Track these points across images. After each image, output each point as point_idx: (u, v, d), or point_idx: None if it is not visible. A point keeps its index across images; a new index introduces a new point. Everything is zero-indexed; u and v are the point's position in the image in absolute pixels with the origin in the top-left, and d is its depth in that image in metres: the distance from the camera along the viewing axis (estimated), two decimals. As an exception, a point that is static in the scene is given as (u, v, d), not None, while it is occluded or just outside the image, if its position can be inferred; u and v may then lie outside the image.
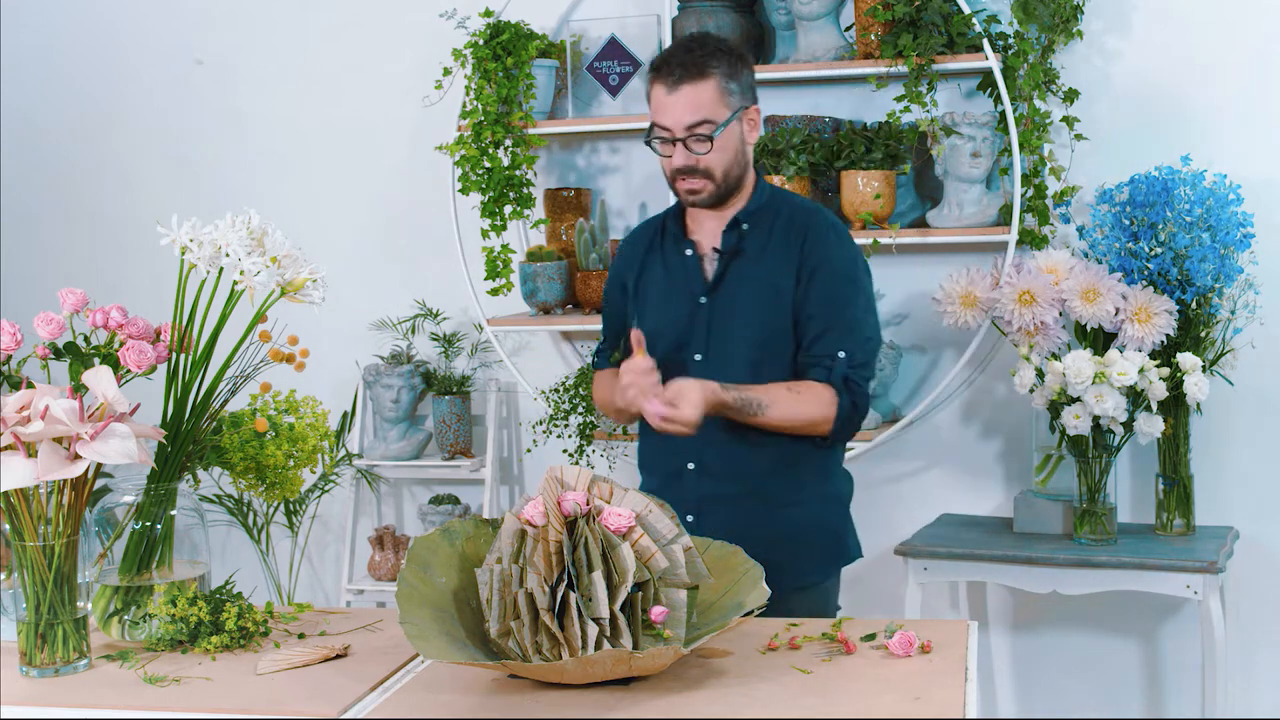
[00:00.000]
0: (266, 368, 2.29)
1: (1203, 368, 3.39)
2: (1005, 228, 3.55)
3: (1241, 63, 3.58)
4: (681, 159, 2.61)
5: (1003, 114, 3.53)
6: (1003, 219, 3.59)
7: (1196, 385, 3.33)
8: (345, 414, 4.21)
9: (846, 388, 2.61)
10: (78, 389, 2.10)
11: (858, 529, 2.83)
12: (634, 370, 2.55)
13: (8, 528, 2.11)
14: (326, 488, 4.13)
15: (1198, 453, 3.57)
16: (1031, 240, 3.59)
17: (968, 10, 3.51)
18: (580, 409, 3.84)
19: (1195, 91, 3.61)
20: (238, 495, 4.09)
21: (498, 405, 4.15)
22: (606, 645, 1.99)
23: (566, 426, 3.88)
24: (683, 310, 2.70)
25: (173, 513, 2.27)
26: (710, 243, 2.71)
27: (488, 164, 3.81)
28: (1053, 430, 3.46)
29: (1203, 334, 3.45)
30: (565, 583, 2.01)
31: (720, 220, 2.70)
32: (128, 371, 2.16)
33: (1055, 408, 3.37)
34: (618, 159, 4.06)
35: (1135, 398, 3.33)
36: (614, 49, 3.90)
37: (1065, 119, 3.61)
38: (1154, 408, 3.34)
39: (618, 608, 2.01)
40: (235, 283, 2.17)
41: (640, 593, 2.05)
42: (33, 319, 2.17)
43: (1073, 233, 3.64)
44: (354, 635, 2.31)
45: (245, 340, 2.24)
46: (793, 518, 2.68)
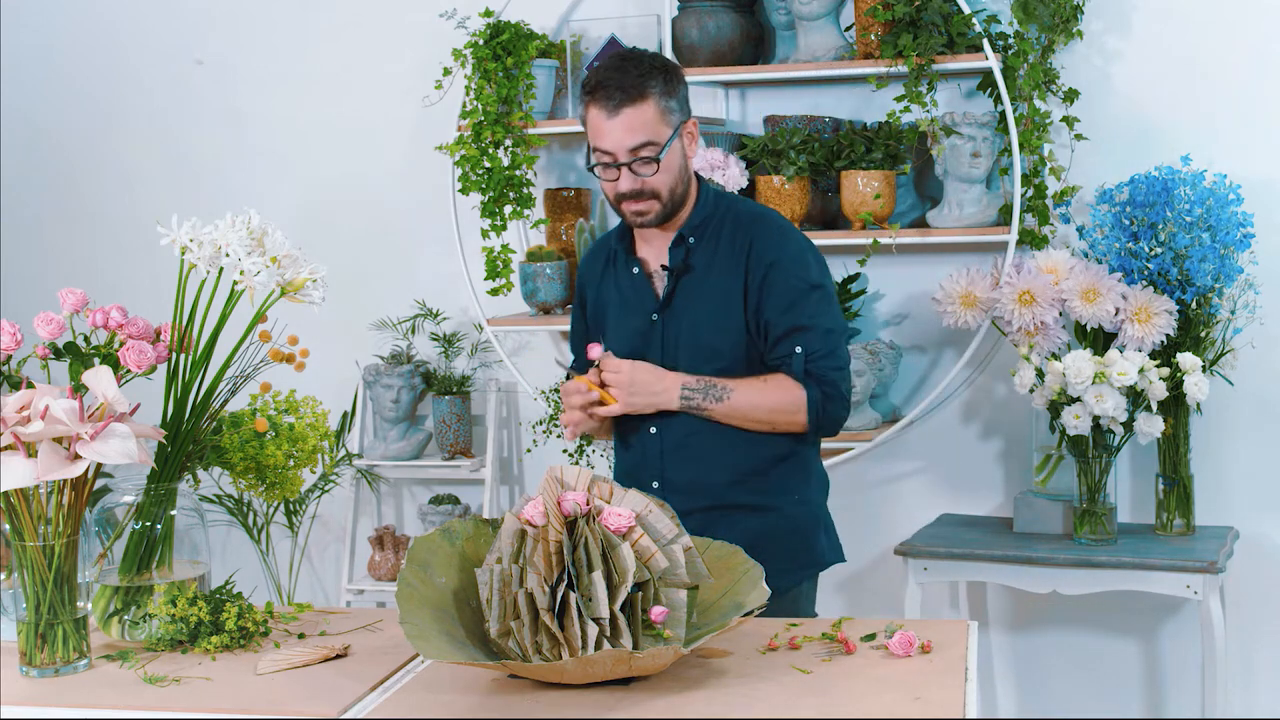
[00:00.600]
0: (266, 368, 2.29)
1: (1203, 368, 3.39)
2: (1005, 228, 3.55)
3: (1241, 63, 3.58)
4: (627, 183, 2.57)
5: (1003, 114, 3.53)
6: (1003, 219, 3.59)
7: (1196, 385, 3.33)
8: (345, 414, 4.21)
9: (810, 379, 2.59)
10: (78, 389, 2.10)
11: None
12: (568, 393, 2.62)
13: (8, 528, 2.11)
14: (326, 488, 4.13)
15: (1198, 453, 3.57)
16: (1031, 240, 3.59)
17: (968, 10, 3.51)
18: (580, 409, 3.84)
19: (1195, 91, 3.61)
20: (238, 495, 4.09)
21: (498, 405, 4.15)
22: (606, 645, 1.99)
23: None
24: (637, 328, 2.69)
25: (173, 513, 2.27)
26: (657, 259, 2.70)
27: (488, 164, 3.81)
28: (1053, 430, 3.46)
29: (1203, 334, 3.45)
30: (565, 583, 2.01)
31: (665, 237, 2.68)
32: (128, 371, 2.16)
33: (1055, 408, 3.37)
34: (618, 159, 4.06)
35: (1135, 398, 3.33)
36: (614, 49, 3.90)
37: (1065, 119, 3.61)
38: (1154, 408, 3.34)
39: (618, 608, 2.01)
40: (235, 283, 2.17)
41: (640, 593, 2.05)
42: (33, 319, 2.17)
43: (1073, 233, 3.64)
44: (354, 635, 2.31)
45: (245, 340, 2.24)
46: (757, 525, 2.64)
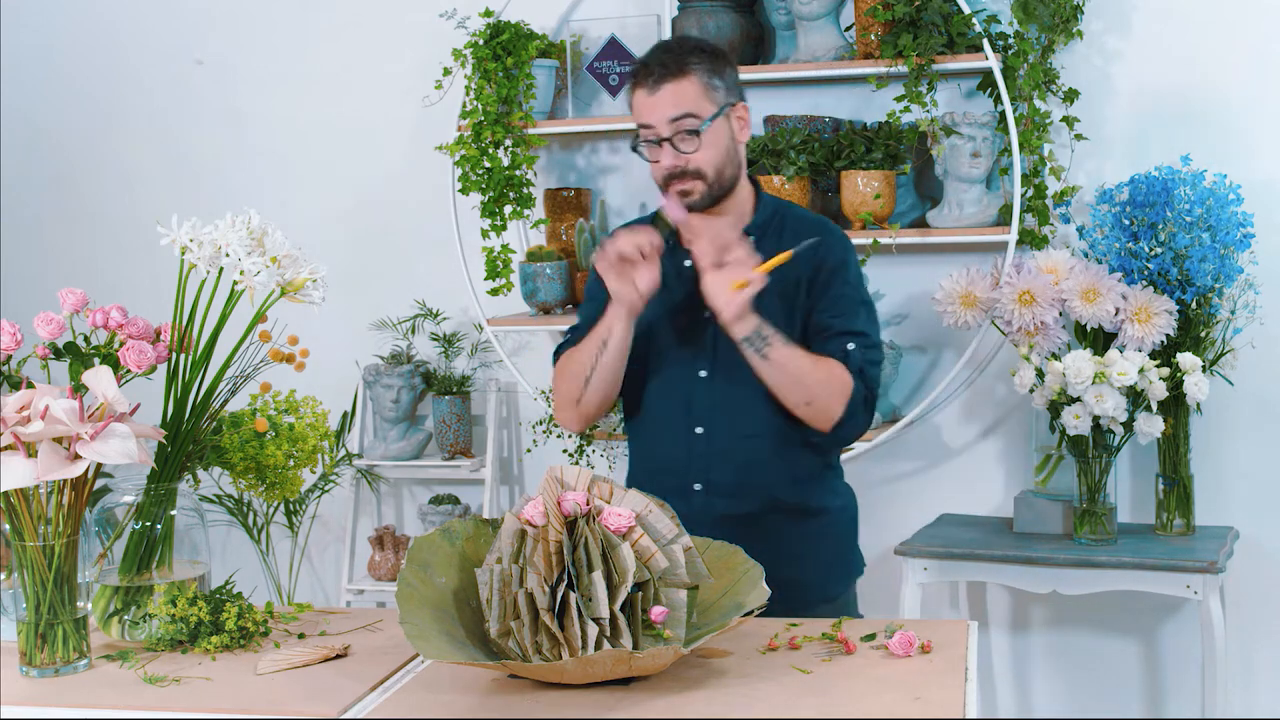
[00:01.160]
0: (266, 368, 2.29)
1: (1203, 368, 3.39)
2: (1005, 228, 3.55)
3: (1241, 63, 3.58)
4: (670, 159, 2.52)
5: (1003, 114, 3.53)
6: (1003, 219, 3.59)
7: (1196, 385, 3.33)
8: (345, 414, 4.21)
9: (861, 377, 2.52)
10: (78, 389, 2.10)
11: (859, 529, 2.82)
12: (635, 234, 2.48)
13: (8, 528, 2.11)
14: (326, 488, 4.13)
15: (1198, 453, 3.57)
16: (1031, 240, 3.59)
17: (968, 10, 3.51)
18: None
19: (1195, 91, 3.61)
20: (238, 495, 4.09)
21: (498, 405, 4.15)
22: (606, 645, 1.99)
23: (566, 426, 3.88)
24: (685, 325, 2.60)
25: (173, 513, 2.27)
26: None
27: (488, 164, 3.81)
28: (1053, 430, 3.46)
29: (1203, 334, 3.45)
30: (565, 583, 2.01)
31: (717, 231, 2.56)
32: (128, 371, 2.16)
33: (1055, 408, 3.37)
34: (618, 159, 4.06)
35: (1135, 398, 3.33)
36: (614, 49, 3.90)
37: (1065, 119, 3.62)
38: (1154, 408, 3.34)
39: (618, 608, 2.01)
40: (235, 283, 2.17)
41: (640, 593, 2.05)
42: (33, 319, 2.17)
43: (1073, 233, 3.64)
44: (354, 635, 2.31)
45: (245, 340, 2.24)
46: (811, 530, 2.62)
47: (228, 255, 2.17)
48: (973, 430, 3.86)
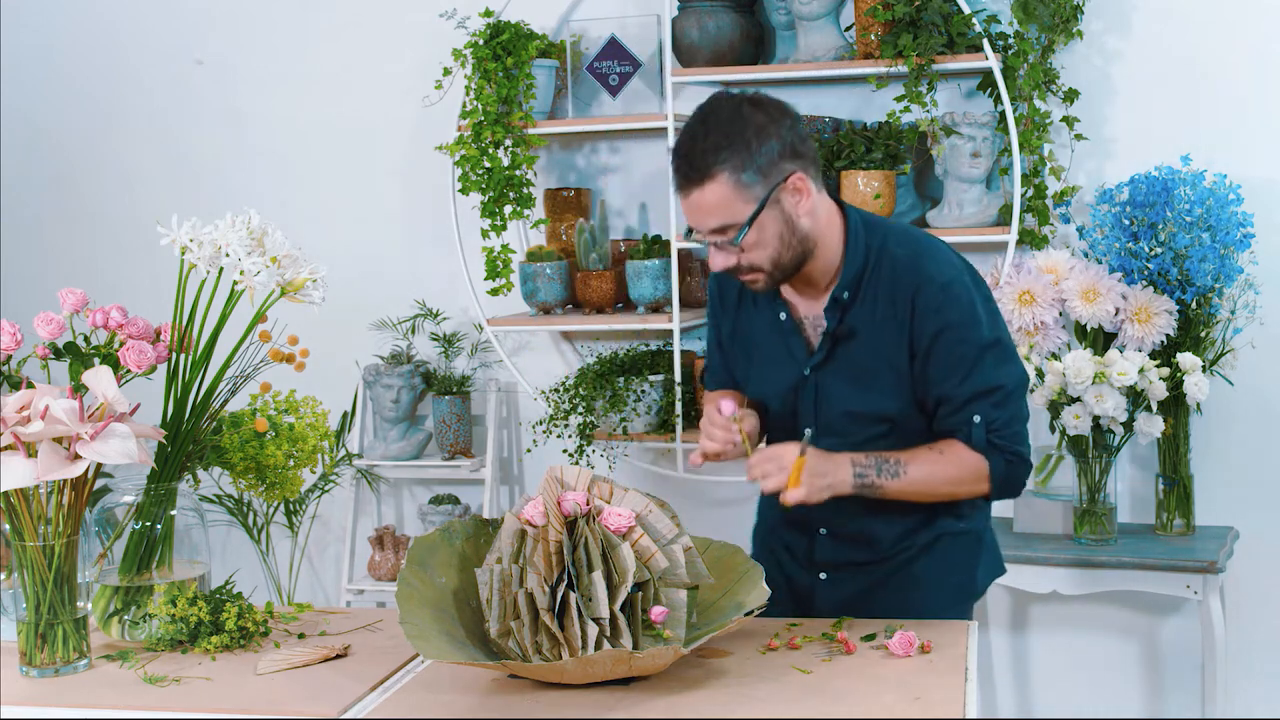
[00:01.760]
0: (266, 368, 2.29)
1: (1203, 368, 3.39)
2: (1005, 228, 3.55)
3: (1241, 63, 3.58)
4: (720, 260, 2.30)
5: (1003, 114, 3.53)
6: (1003, 219, 3.59)
7: (1196, 385, 3.33)
8: (345, 414, 4.21)
9: (994, 449, 2.32)
10: (78, 389, 2.10)
11: None
12: (714, 424, 2.34)
13: (8, 528, 2.11)
14: (326, 488, 4.13)
15: (1198, 453, 3.57)
16: (1031, 240, 3.59)
17: (968, 10, 3.51)
18: (580, 409, 3.84)
19: (1195, 91, 3.61)
20: (238, 495, 4.09)
21: (498, 405, 4.15)
22: (606, 645, 1.99)
23: (566, 426, 3.88)
24: (786, 380, 2.42)
25: (173, 513, 2.27)
26: (807, 306, 2.41)
27: (488, 164, 3.81)
28: (1053, 430, 3.46)
29: (1203, 334, 3.45)
30: (565, 583, 2.01)
31: (814, 286, 2.39)
32: (128, 371, 2.16)
33: (1055, 408, 3.37)
34: (618, 159, 4.06)
35: (1135, 398, 3.33)
36: (614, 49, 3.90)
37: (1065, 119, 3.61)
38: (1154, 408, 3.34)
39: (618, 608, 2.01)
40: (235, 283, 2.17)
41: (640, 593, 2.05)
42: (33, 319, 2.17)
43: (1073, 233, 3.64)
44: (354, 635, 2.31)
45: (245, 340, 2.24)
46: (921, 570, 2.44)
47: (228, 255, 2.17)
48: (973, 430, 3.86)
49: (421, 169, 4.14)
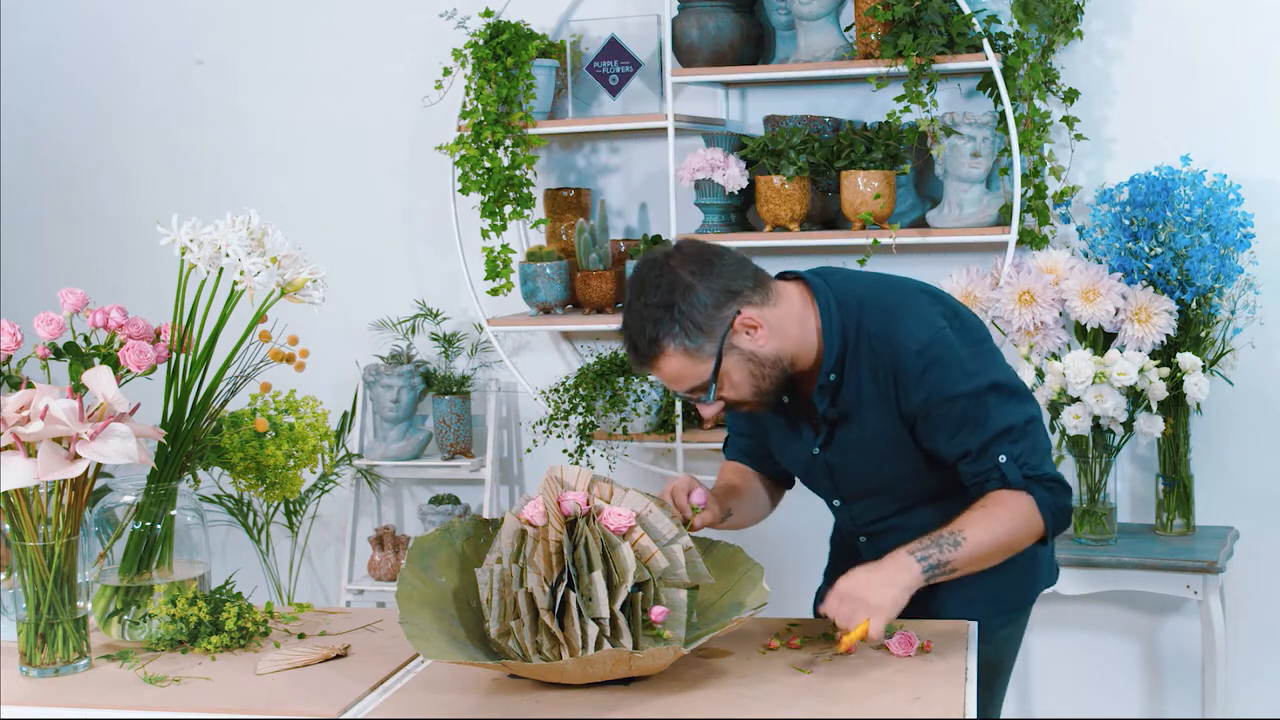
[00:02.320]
0: (266, 368, 2.29)
1: (1203, 368, 3.39)
2: (1005, 228, 3.55)
3: (1241, 63, 3.58)
4: (709, 412, 2.31)
5: (1003, 114, 3.53)
6: (1003, 219, 3.59)
7: (1196, 385, 3.33)
8: (345, 414, 4.21)
9: (1031, 481, 2.26)
10: (78, 389, 2.10)
11: None
12: (676, 490, 2.34)
13: (8, 528, 2.11)
14: (326, 488, 4.13)
15: (1198, 453, 3.57)
16: (1031, 240, 3.59)
17: (968, 10, 3.51)
18: (580, 409, 3.84)
19: (1195, 91, 3.61)
20: (238, 495, 4.09)
21: (498, 405, 4.15)
22: (606, 645, 1.99)
23: (566, 426, 3.88)
24: (801, 459, 2.43)
25: (173, 513, 2.27)
26: (806, 392, 2.37)
27: (488, 164, 3.81)
28: (1053, 430, 3.46)
29: (1203, 334, 3.45)
30: (565, 583, 2.01)
31: (807, 374, 2.35)
32: (128, 371, 2.16)
33: (1055, 408, 3.37)
34: (618, 159, 4.06)
35: (1135, 398, 3.33)
36: (614, 49, 3.90)
37: (1065, 119, 3.61)
38: (1154, 408, 3.34)
39: (618, 608, 2.01)
40: (235, 283, 2.17)
41: (640, 593, 2.05)
42: (33, 319, 2.17)
43: (1073, 233, 3.64)
44: (354, 635, 2.31)
45: (245, 340, 2.24)
46: (972, 580, 2.33)
47: (228, 255, 2.17)
48: (973, 430, 3.86)
49: (421, 169, 4.14)
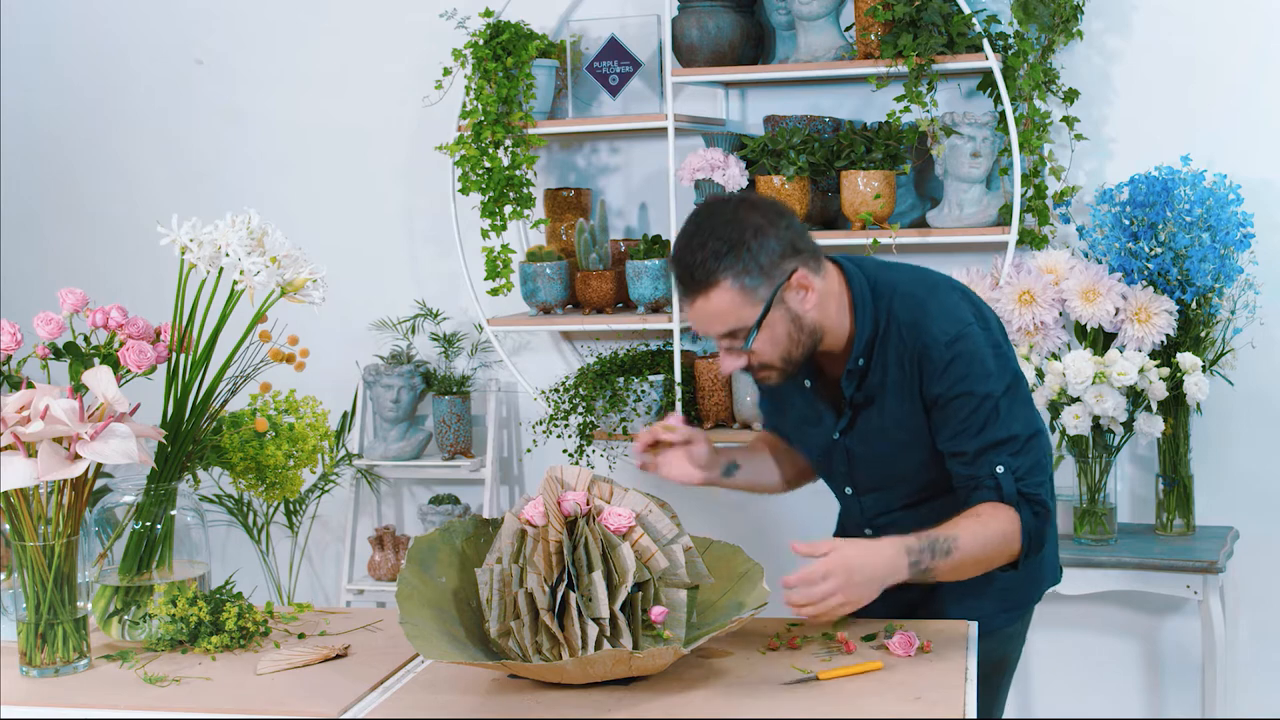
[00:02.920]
0: (266, 368, 2.29)
1: (1203, 368, 3.39)
2: (1005, 228, 3.55)
3: (1241, 63, 3.58)
4: (730, 363, 2.28)
5: (1003, 114, 3.53)
6: (1003, 219, 3.59)
7: (1196, 385, 3.33)
8: (345, 414, 4.21)
9: (1022, 500, 2.25)
10: (78, 389, 2.10)
11: None
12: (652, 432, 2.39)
13: (8, 528, 2.11)
14: (326, 488, 4.13)
15: (1198, 453, 3.57)
16: (1031, 240, 3.59)
17: (968, 10, 3.51)
18: (580, 409, 3.84)
19: (1195, 91, 3.61)
20: (238, 495, 4.09)
21: (498, 405, 4.15)
22: (606, 645, 1.99)
23: (566, 426, 3.88)
24: (820, 442, 2.43)
25: (173, 513, 2.27)
26: (831, 375, 2.39)
27: (488, 164, 3.81)
28: (1053, 430, 3.46)
29: (1203, 334, 3.45)
30: (565, 583, 2.01)
31: (833, 357, 2.36)
32: (128, 371, 2.16)
33: (1055, 408, 3.37)
34: (618, 159, 4.06)
35: (1135, 398, 3.33)
36: (614, 49, 3.90)
37: (1065, 119, 3.62)
38: (1154, 408, 3.34)
39: (618, 608, 2.01)
40: (235, 283, 2.17)
41: (640, 593, 2.05)
42: (33, 319, 2.17)
43: (1073, 233, 3.65)
44: (354, 635, 2.31)
45: (245, 340, 2.24)
46: (971, 585, 2.35)
47: (228, 255, 2.17)
48: (973, 430, 3.85)
49: (421, 169, 4.14)
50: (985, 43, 3.49)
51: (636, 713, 1.93)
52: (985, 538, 2.21)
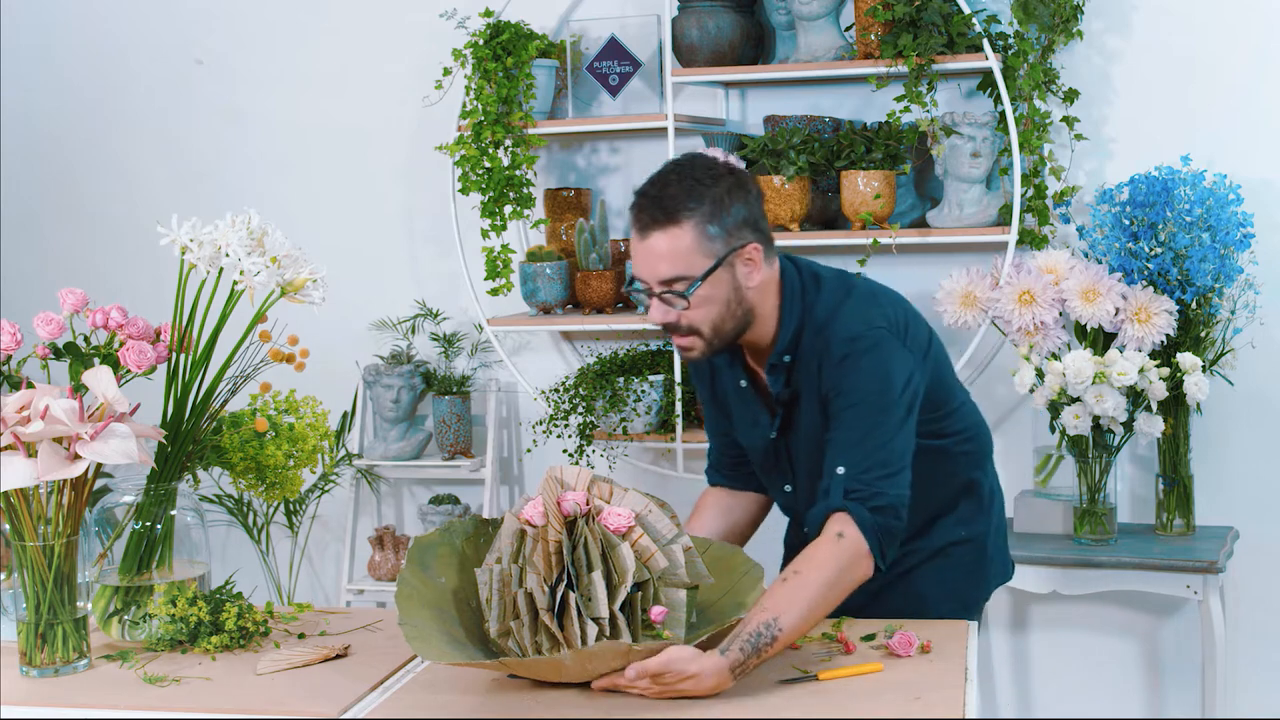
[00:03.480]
0: (266, 368, 2.29)
1: (1203, 368, 3.39)
2: (1005, 228, 3.55)
3: (1241, 63, 3.58)
4: (658, 314, 2.25)
5: (1003, 114, 3.53)
6: (1003, 219, 3.59)
7: (1196, 385, 3.33)
8: (345, 414, 4.21)
9: (850, 501, 2.17)
10: (78, 389, 2.10)
11: None
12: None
13: (8, 528, 2.11)
14: (326, 488, 4.13)
15: (1198, 453, 3.57)
16: (1031, 240, 3.59)
17: (968, 10, 3.51)
18: (580, 409, 3.84)
19: (1195, 91, 3.61)
20: (238, 495, 4.09)
21: (498, 405, 4.15)
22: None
23: (566, 426, 3.88)
24: (759, 443, 2.44)
25: (173, 513, 2.27)
26: (763, 375, 2.40)
27: (488, 164, 3.81)
28: (1053, 430, 3.46)
29: (1203, 334, 3.45)
30: (565, 583, 2.01)
31: (763, 354, 2.38)
32: (128, 371, 2.16)
33: (1055, 408, 3.37)
34: (618, 159, 4.06)
35: (1135, 398, 3.33)
36: (614, 49, 3.90)
37: (1065, 119, 3.62)
38: (1154, 408, 3.34)
39: (617, 608, 2.01)
40: (235, 283, 2.17)
41: (640, 593, 2.05)
42: (33, 319, 2.17)
43: (1073, 233, 3.65)
44: (354, 635, 2.31)
45: (245, 340, 2.24)
46: (921, 581, 2.42)
47: (228, 255, 2.17)
48: (973, 430, 3.85)
49: (421, 169, 4.14)
50: (985, 43, 3.49)
51: (636, 713, 1.93)
52: (809, 592, 2.08)
